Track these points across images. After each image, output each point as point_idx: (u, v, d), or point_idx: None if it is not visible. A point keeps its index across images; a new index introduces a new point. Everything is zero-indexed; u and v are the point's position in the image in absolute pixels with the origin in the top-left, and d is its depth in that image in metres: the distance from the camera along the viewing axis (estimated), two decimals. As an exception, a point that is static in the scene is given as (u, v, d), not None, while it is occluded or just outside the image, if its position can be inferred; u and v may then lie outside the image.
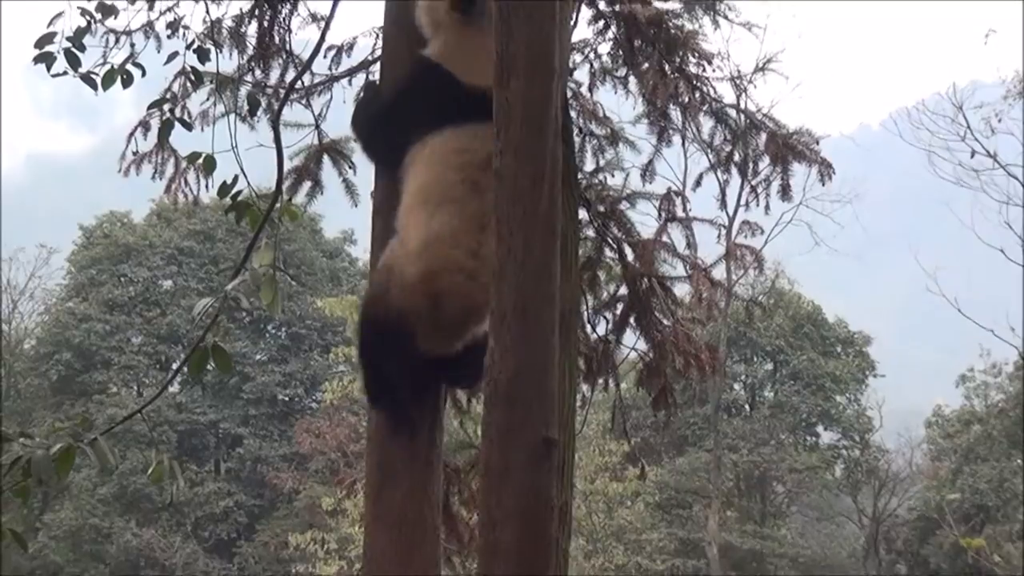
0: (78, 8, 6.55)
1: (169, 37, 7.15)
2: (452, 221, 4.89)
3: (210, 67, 7.18)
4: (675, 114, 8.01)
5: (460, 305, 4.92)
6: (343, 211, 7.78)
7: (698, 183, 8.83)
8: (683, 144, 8.67)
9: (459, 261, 4.89)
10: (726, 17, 8.36)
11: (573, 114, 7.77)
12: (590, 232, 7.72)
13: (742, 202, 8.47)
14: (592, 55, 8.18)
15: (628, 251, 7.76)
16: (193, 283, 42.10)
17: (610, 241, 7.76)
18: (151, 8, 6.92)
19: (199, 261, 42.73)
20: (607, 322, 7.92)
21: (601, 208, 7.76)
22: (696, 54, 7.77)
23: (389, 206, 5.17)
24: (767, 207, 8.05)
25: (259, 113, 7.40)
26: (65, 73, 6.51)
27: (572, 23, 7.65)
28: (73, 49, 6.51)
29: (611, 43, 7.99)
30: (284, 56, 7.71)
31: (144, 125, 7.55)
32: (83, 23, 6.56)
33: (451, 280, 4.90)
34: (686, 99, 7.73)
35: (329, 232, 44.98)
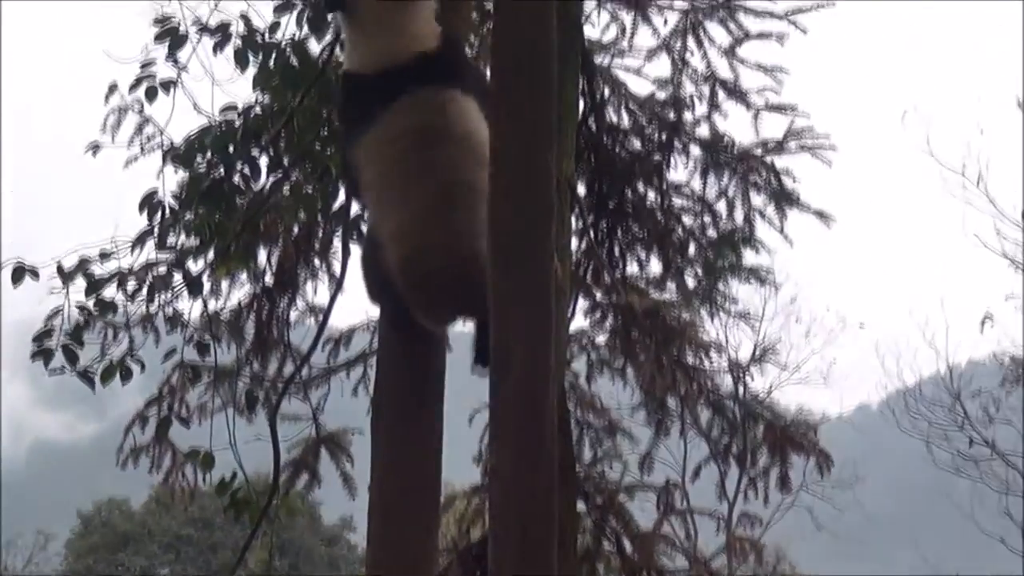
0: (76, 305, 6.64)
1: (168, 333, 7.22)
2: (410, 206, 4.85)
3: (208, 359, 7.24)
4: (673, 404, 8.03)
5: (446, 277, 4.86)
6: (342, 497, 7.72)
7: (696, 474, 8.80)
8: (682, 433, 8.66)
9: (431, 238, 4.83)
10: (723, 309, 8.48)
11: (571, 405, 7.78)
12: (588, 523, 7.64)
13: (741, 490, 8.43)
14: (590, 346, 8.25)
15: (627, 544, 7.66)
16: (191, 570, 41.45)
17: (608, 534, 7.67)
18: (150, 302, 7.00)
19: (197, 548, 42.15)
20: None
21: (599, 500, 7.70)
22: (693, 345, 7.84)
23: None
24: (766, 498, 8.01)
25: (257, 406, 7.42)
26: (63, 370, 6.56)
27: (569, 314, 7.74)
28: (71, 345, 6.58)
29: (608, 334, 8.06)
30: (282, 349, 7.77)
31: (142, 419, 7.57)
32: (81, 319, 6.66)
33: (431, 258, 4.84)
34: (684, 390, 7.75)
35: (328, 518, 44.52)
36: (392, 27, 4.80)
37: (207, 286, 7.26)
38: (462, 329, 8.50)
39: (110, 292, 6.93)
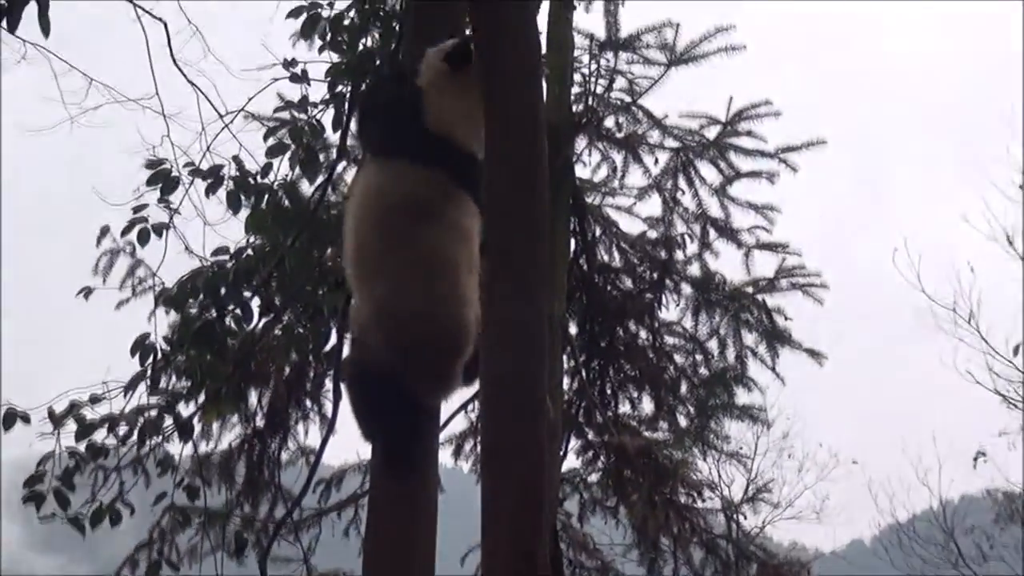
0: (66, 449, 6.61)
1: (159, 475, 7.16)
2: (383, 280, 4.74)
3: (198, 503, 7.18)
4: (666, 544, 7.96)
5: (434, 348, 4.72)
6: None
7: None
8: (675, 574, 8.56)
9: (404, 312, 4.69)
10: (715, 447, 8.45)
11: (563, 545, 7.71)
12: None
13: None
14: (582, 485, 8.20)
15: None
16: None
17: None
18: (141, 446, 6.96)
19: None
20: None
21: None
22: (686, 484, 7.79)
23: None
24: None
25: (247, 549, 7.35)
26: (54, 516, 6.52)
27: (562, 453, 7.71)
28: (63, 489, 6.54)
29: (601, 473, 8.02)
30: (273, 491, 7.71)
31: (132, 562, 7.49)
32: (72, 464, 6.62)
33: (416, 330, 4.70)
34: (676, 530, 7.69)
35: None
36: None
37: (197, 429, 7.22)
38: (454, 468, 8.49)
39: (100, 435, 6.88)
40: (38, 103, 7.78)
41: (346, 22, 6.68)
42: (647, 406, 8.38)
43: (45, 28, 5.77)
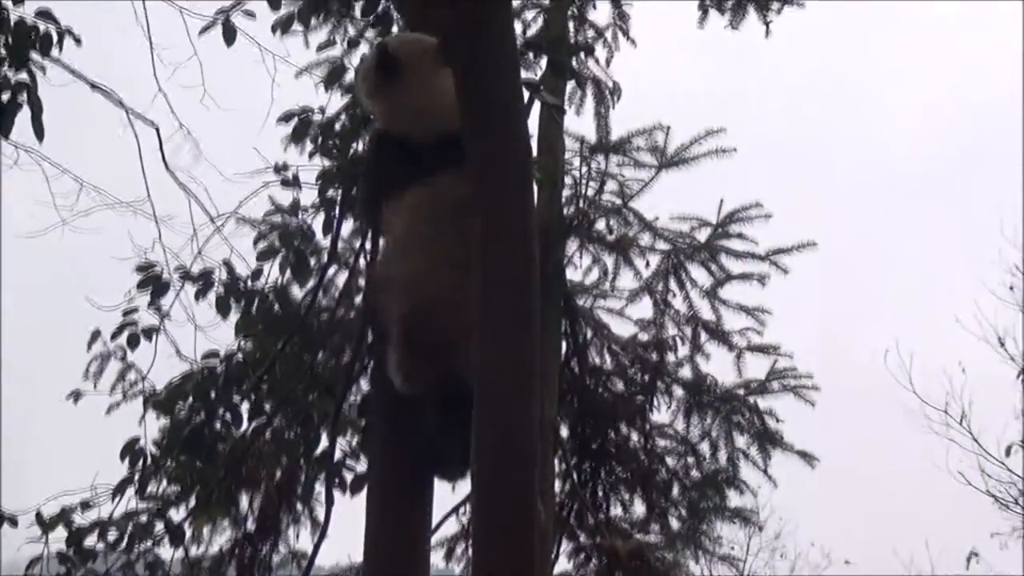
0: (56, 554, 6.55)
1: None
2: (427, 261, 4.88)
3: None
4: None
5: (440, 330, 4.83)
6: None
7: None
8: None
9: (439, 295, 4.83)
10: (707, 550, 8.39)
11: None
12: None
13: None
14: (574, 590, 8.13)
15: None
16: None
17: None
18: (131, 551, 6.90)
19: None
20: None
21: None
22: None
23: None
24: None
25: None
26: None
27: (553, 556, 7.65)
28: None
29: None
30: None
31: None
32: (62, 570, 6.56)
33: (433, 311, 4.84)
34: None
35: None
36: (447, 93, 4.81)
37: (188, 533, 7.16)
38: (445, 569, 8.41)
39: (90, 540, 6.83)
40: (30, 207, 7.81)
41: (337, 127, 6.73)
42: (639, 508, 8.34)
43: (39, 133, 5.83)
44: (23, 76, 5.80)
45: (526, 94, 5.44)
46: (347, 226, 6.92)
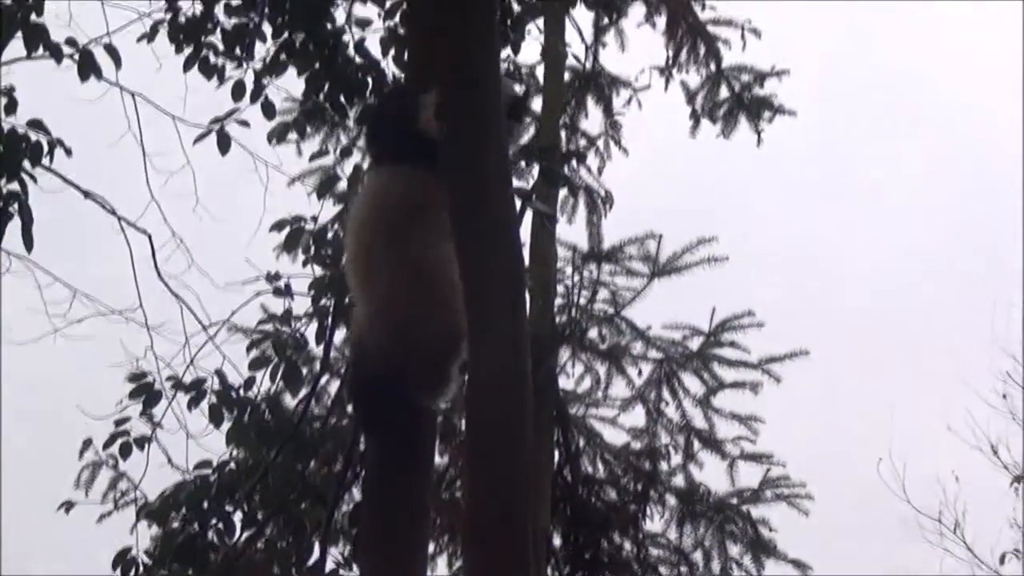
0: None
1: None
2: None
3: None
4: None
5: (428, 350, 4.59)
6: None
7: None
8: None
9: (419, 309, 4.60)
10: None
11: None
12: None
13: None
14: None
15: None
16: None
17: None
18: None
19: None
20: None
21: None
22: None
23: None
24: None
25: None
26: None
27: None
28: None
29: None
30: None
31: None
32: None
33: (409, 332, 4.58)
34: None
35: None
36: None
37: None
38: None
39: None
40: (22, 314, 7.82)
41: (330, 235, 6.77)
42: (633, 618, 8.28)
43: (28, 244, 5.85)
44: (14, 186, 5.84)
45: (518, 203, 5.48)
46: (339, 334, 6.95)
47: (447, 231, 4.49)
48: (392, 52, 6.19)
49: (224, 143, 6.50)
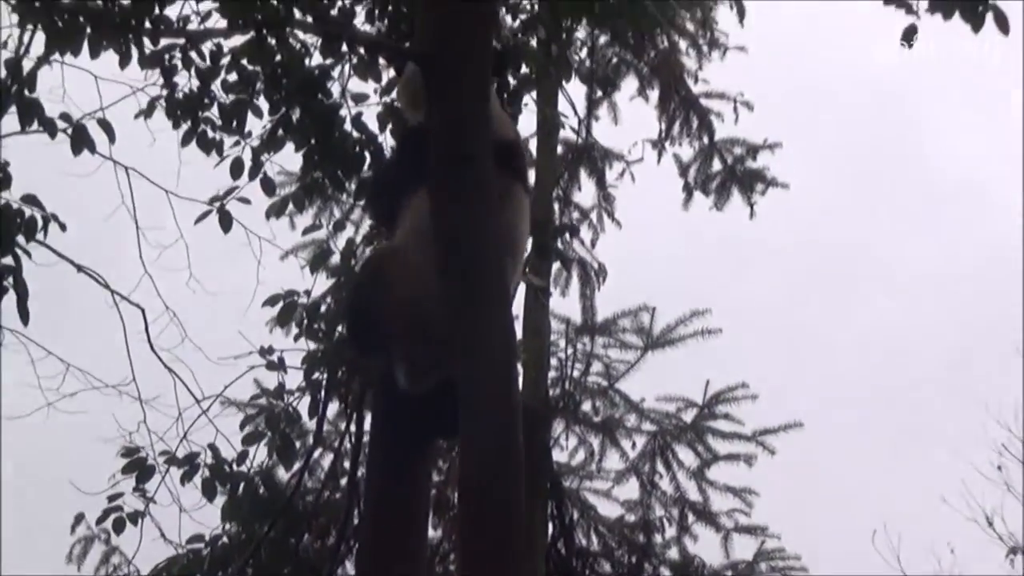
0: None
1: None
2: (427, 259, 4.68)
3: None
4: None
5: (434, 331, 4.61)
6: None
7: None
8: None
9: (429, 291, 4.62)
10: None
11: None
12: None
13: None
14: None
15: None
16: None
17: None
18: None
19: None
20: None
21: None
22: None
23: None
24: None
25: None
26: None
27: None
28: None
29: None
30: None
31: None
32: None
33: (425, 307, 4.64)
34: None
35: None
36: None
37: None
38: None
39: None
40: (16, 388, 7.80)
41: (323, 309, 6.77)
42: None
43: (24, 318, 5.84)
44: (8, 260, 5.84)
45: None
46: (332, 408, 6.95)
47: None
48: (389, 126, 6.21)
49: (226, 222, 6.52)
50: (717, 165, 9.66)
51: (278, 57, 5.82)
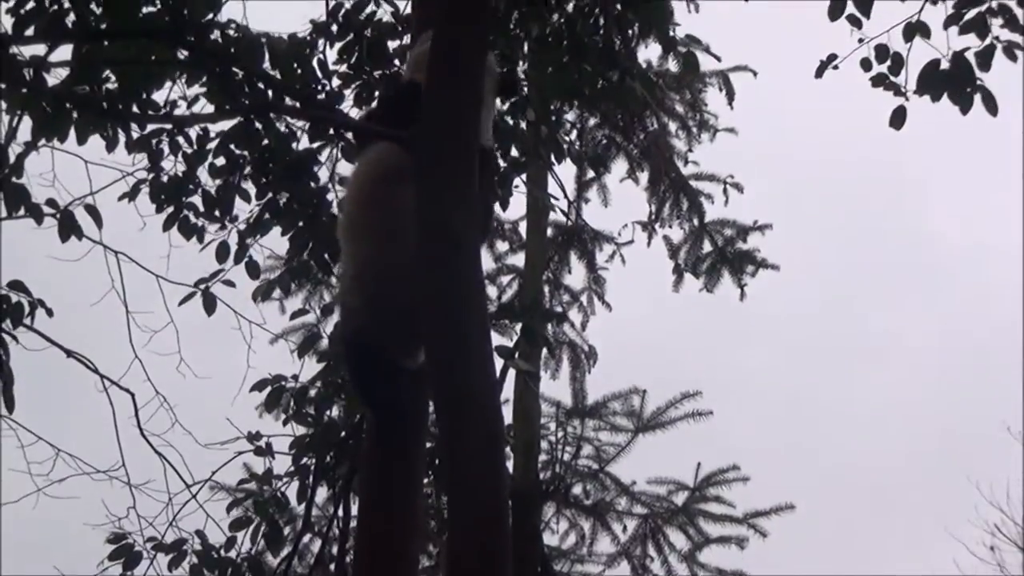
0: None
1: None
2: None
3: None
4: None
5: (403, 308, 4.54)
6: None
7: None
8: None
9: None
10: None
11: None
12: None
13: None
14: None
15: None
16: None
17: None
18: None
19: None
20: None
21: None
22: None
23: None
24: None
25: None
26: None
27: None
28: None
29: None
30: None
31: None
32: None
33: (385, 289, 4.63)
34: None
35: None
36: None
37: None
38: None
39: None
40: (4, 475, 7.74)
41: (311, 393, 6.76)
42: None
43: (9, 404, 5.82)
44: (-6, 347, 5.82)
45: (500, 362, 5.48)
46: (321, 493, 6.90)
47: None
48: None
49: (210, 304, 6.52)
50: (707, 247, 9.65)
51: (265, 141, 5.85)
